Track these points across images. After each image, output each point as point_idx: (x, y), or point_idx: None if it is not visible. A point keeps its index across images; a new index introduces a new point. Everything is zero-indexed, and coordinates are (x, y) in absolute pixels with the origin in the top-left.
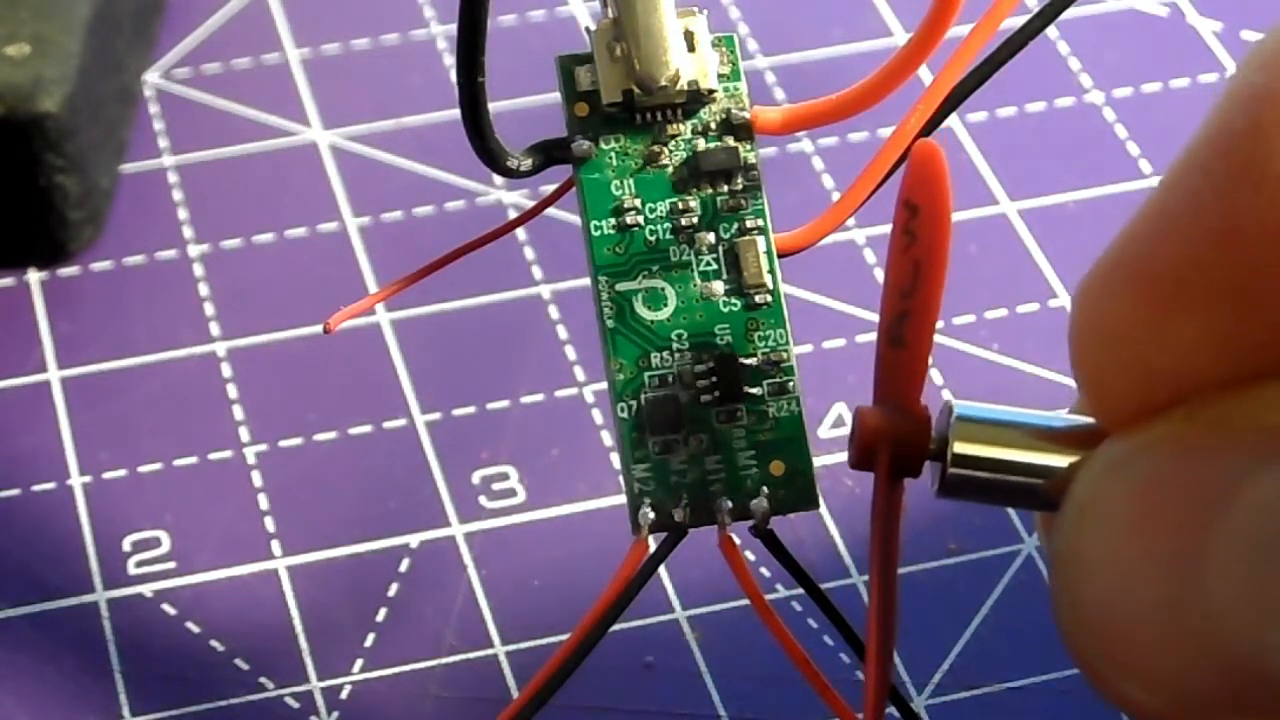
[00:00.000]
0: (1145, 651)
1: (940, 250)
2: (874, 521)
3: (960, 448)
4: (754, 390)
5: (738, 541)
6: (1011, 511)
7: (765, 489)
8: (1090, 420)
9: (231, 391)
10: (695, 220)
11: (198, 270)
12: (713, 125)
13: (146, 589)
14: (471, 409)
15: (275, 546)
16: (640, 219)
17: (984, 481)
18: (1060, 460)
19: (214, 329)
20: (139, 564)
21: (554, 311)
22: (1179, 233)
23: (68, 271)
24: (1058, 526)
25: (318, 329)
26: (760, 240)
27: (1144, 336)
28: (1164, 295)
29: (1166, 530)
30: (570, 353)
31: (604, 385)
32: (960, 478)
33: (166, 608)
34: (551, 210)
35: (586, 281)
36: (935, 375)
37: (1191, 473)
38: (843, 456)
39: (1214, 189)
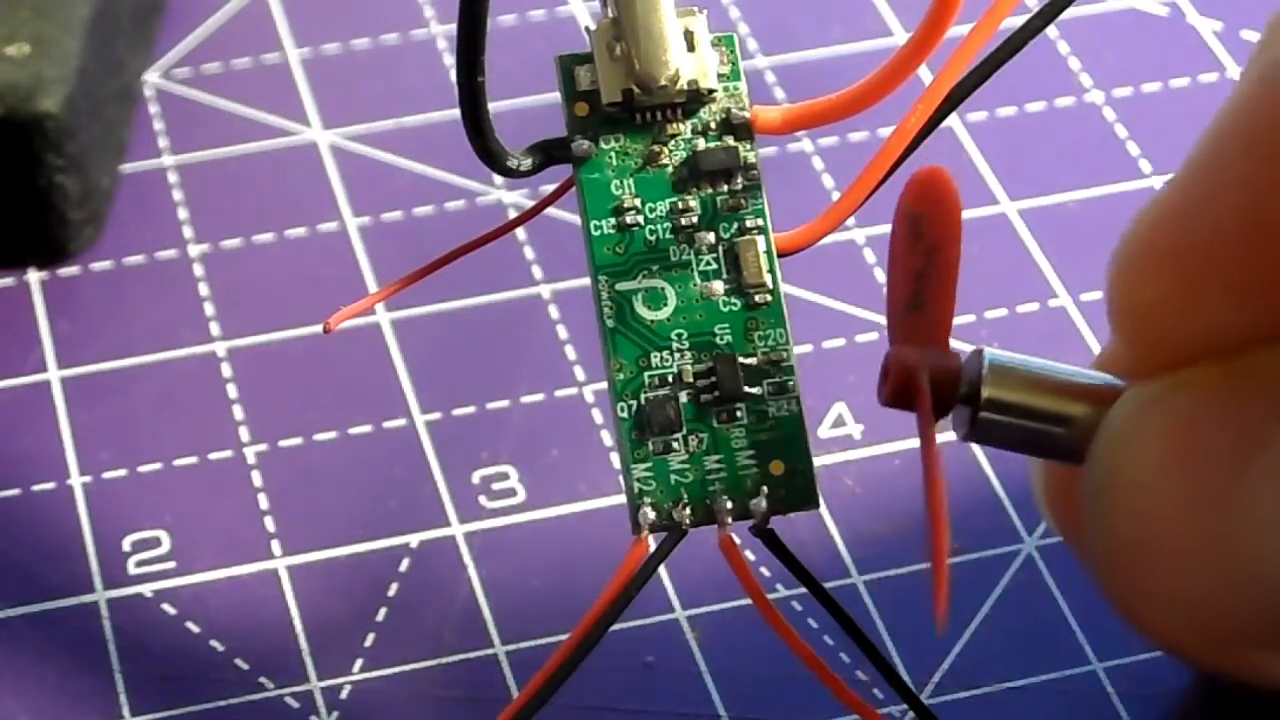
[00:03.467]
0: (1176, 584)
1: (954, 230)
2: (926, 455)
3: (991, 392)
4: (754, 390)
5: (738, 541)
6: (1012, 511)
7: (765, 489)
8: (1119, 379)
9: (231, 391)
10: (695, 220)
11: (198, 270)
12: (713, 125)
13: (146, 589)
14: (471, 409)
15: (275, 546)
16: (640, 219)
17: (1012, 427)
18: (1089, 411)
19: (214, 329)
20: (139, 564)
21: (554, 311)
22: (1210, 208)
23: (68, 271)
24: (1091, 460)
25: (318, 329)
26: (760, 240)
27: (1178, 310)
28: (1196, 270)
29: (1202, 465)
30: (570, 353)
31: (604, 385)
32: (990, 422)
33: (166, 608)
34: (551, 210)
35: (586, 281)
36: None
37: (1229, 411)
38: (843, 456)
39: (1240, 165)
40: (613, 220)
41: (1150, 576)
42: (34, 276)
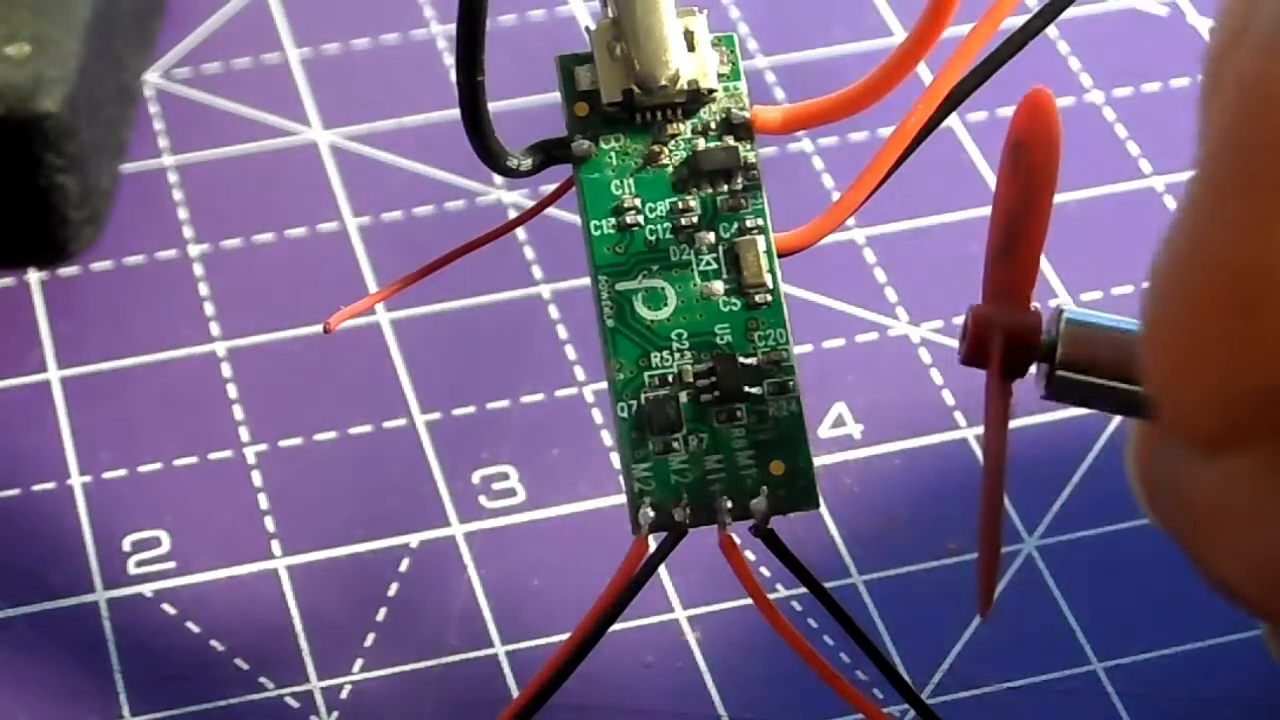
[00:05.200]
0: (1252, 536)
1: (1052, 166)
2: (987, 422)
3: (1067, 350)
4: (754, 390)
5: (738, 541)
6: (1012, 511)
7: (765, 489)
8: None
9: (231, 391)
10: (695, 220)
11: (198, 270)
12: (713, 125)
13: (146, 589)
14: (471, 409)
15: (275, 546)
16: (640, 219)
17: (1089, 385)
18: None
19: (214, 329)
20: (139, 564)
21: (554, 311)
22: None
23: (68, 271)
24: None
25: (318, 329)
26: (760, 240)
27: (1241, 334)
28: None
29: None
30: (570, 353)
31: (604, 385)
32: (1066, 380)
33: (166, 608)
34: (551, 210)
35: (586, 281)
36: (935, 374)
37: None
38: (843, 456)
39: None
40: (613, 220)
41: (1225, 529)
42: (34, 276)
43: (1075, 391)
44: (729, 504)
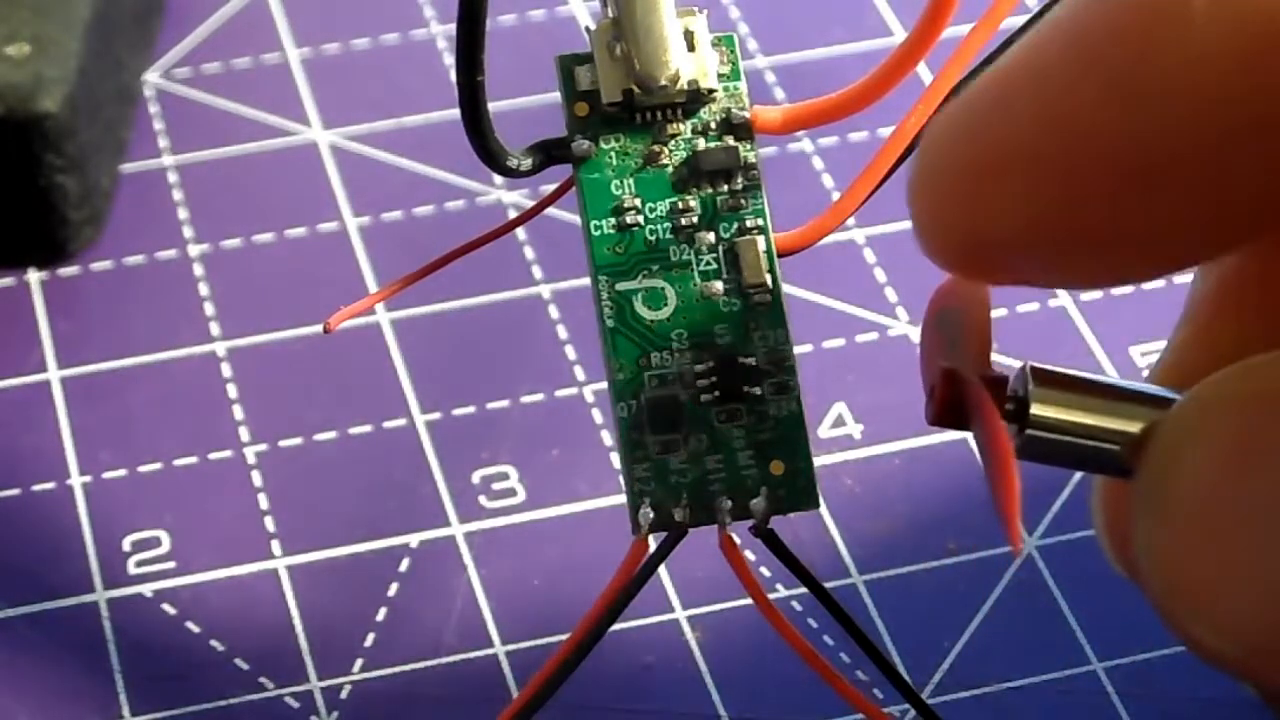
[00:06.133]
0: (1229, 600)
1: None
2: (989, 451)
3: (1039, 409)
4: (754, 390)
5: (738, 541)
6: None
7: (765, 489)
8: (1173, 391)
9: (231, 391)
10: (695, 220)
11: (198, 270)
12: (713, 125)
13: (146, 589)
14: (471, 409)
15: (275, 546)
16: (640, 219)
17: (1061, 444)
18: (1138, 426)
19: (214, 329)
20: (139, 564)
21: (554, 311)
22: (1018, 112)
23: (68, 271)
24: (1140, 473)
25: (318, 329)
26: (760, 240)
27: (970, 196)
28: (992, 165)
29: (1262, 477)
30: (570, 353)
31: (604, 385)
32: (1038, 440)
33: (166, 608)
34: (551, 210)
35: (586, 281)
36: None
37: None
38: (843, 456)
39: (1061, 79)
40: (613, 220)
41: (1200, 597)
42: (34, 276)
43: (1047, 451)
44: (729, 504)
